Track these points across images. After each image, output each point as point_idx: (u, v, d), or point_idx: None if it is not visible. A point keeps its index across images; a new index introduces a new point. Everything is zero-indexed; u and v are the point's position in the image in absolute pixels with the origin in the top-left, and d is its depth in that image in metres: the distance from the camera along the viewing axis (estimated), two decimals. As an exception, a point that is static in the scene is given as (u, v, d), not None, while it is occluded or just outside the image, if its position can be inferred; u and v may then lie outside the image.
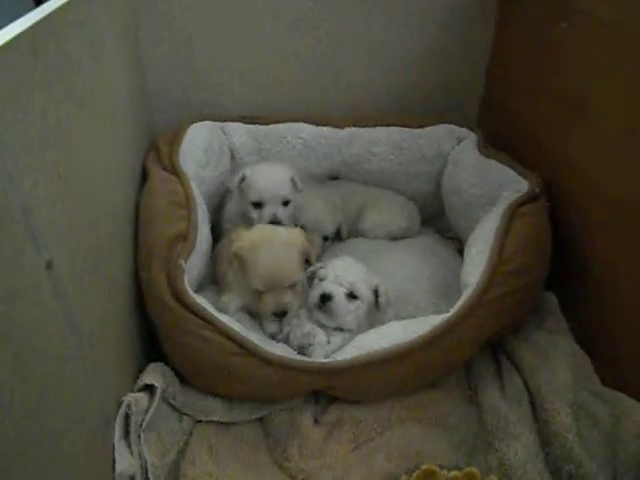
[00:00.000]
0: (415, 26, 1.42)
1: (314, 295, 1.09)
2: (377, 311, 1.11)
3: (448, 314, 1.01)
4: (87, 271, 0.82)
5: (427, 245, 1.39)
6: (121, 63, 1.13)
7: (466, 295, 1.03)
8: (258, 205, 1.24)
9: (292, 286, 1.07)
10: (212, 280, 1.19)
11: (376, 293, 1.11)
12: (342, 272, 1.10)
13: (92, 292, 0.84)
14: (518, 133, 1.35)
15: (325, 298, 1.07)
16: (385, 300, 1.10)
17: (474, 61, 1.49)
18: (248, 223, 1.24)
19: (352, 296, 1.08)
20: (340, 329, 1.09)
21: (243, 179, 1.26)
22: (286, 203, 1.25)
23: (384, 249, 1.37)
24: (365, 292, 1.09)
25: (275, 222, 1.21)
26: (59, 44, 0.78)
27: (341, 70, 1.46)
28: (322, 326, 1.09)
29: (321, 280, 1.11)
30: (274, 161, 1.36)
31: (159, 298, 0.98)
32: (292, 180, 1.27)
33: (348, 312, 1.08)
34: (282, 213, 1.23)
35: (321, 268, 1.13)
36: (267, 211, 1.22)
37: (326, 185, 1.50)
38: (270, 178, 1.25)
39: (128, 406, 0.92)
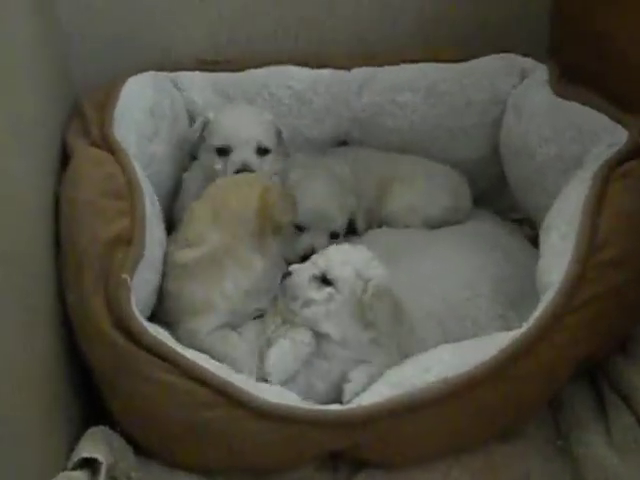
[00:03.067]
0: None
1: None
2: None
3: (521, 329, 1.02)
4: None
5: (484, 233, 1.40)
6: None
7: (547, 300, 1.03)
8: (224, 152, 1.29)
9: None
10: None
11: None
12: (325, 253, 1.15)
13: (-2, 327, 0.84)
14: (610, 62, 1.35)
15: (284, 277, 1.13)
16: (373, 296, 1.09)
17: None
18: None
19: (325, 282, 1.11)
20: (342, 345, 1.11)
21: (206, 125, 1.32)
22: (264, 152, 1.29)
23: (421, 242, 1.37)
24: (348, 280, 1.11)
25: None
26: None
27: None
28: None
29: None
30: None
31: (95, 329, 0.98)
32: (274, 126, 1.33)
33: (311, 300, 1.11)
34: (257, 162, 1.27)
35: None
36: (234, 157, 1.27)
37: (331, 155, 1.51)
38: (241, 117, 1.31)
39: (60, 491, 0.93)
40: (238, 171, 1.26)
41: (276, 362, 1.09)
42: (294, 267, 1.15)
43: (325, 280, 1.12)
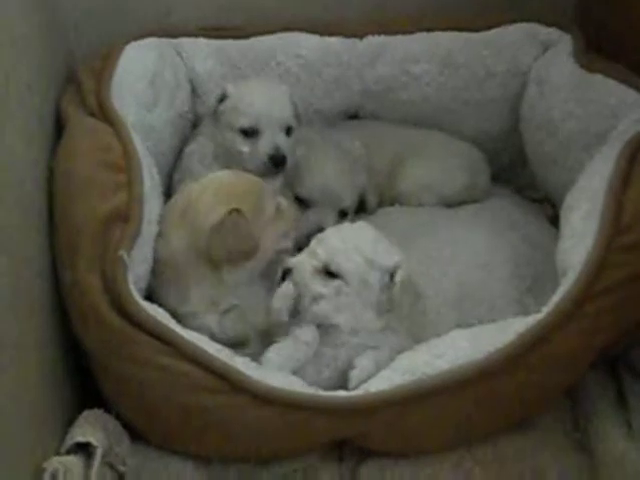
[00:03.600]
0: None
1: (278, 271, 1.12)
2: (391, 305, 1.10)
3: (539, 315, 1.01)
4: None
5: (502, 213, 1.39)
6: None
7: (567, 285, 1.02)
8: (250, 133, 1.28)
9: None
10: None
11: (391, 277, 1.10)
12: (329, 240, 1.11)
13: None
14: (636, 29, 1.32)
15: (285, 273, 1.10)
16: (403, 289, 1.08)
17: None
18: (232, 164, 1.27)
19: (330, 274, 1.09)
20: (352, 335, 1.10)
21: (223, 98, 1.31)
22: (289, 131, 1.30)
23: (436, 222, 1.37)
24: (357, 271, 1.08)
25: (277, 159, 1.26)
26: None
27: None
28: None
29: None
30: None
31: (91, 310, 0.98)
32: (292, 100, 1.33)
33: (319, 295, 1.08)
34: (287, 145, 1.28)
35: None
36: (265, 141, 1.27)
37: (340, 129, 1.50)
38: (266, 94, 1.31)
39: (53, 476, 0.92)
40: (271, 156, 1.26)
41: (274, 361, 1.07)
42: (292, 262, 1.11)
43: (329, 272, 1.08)
